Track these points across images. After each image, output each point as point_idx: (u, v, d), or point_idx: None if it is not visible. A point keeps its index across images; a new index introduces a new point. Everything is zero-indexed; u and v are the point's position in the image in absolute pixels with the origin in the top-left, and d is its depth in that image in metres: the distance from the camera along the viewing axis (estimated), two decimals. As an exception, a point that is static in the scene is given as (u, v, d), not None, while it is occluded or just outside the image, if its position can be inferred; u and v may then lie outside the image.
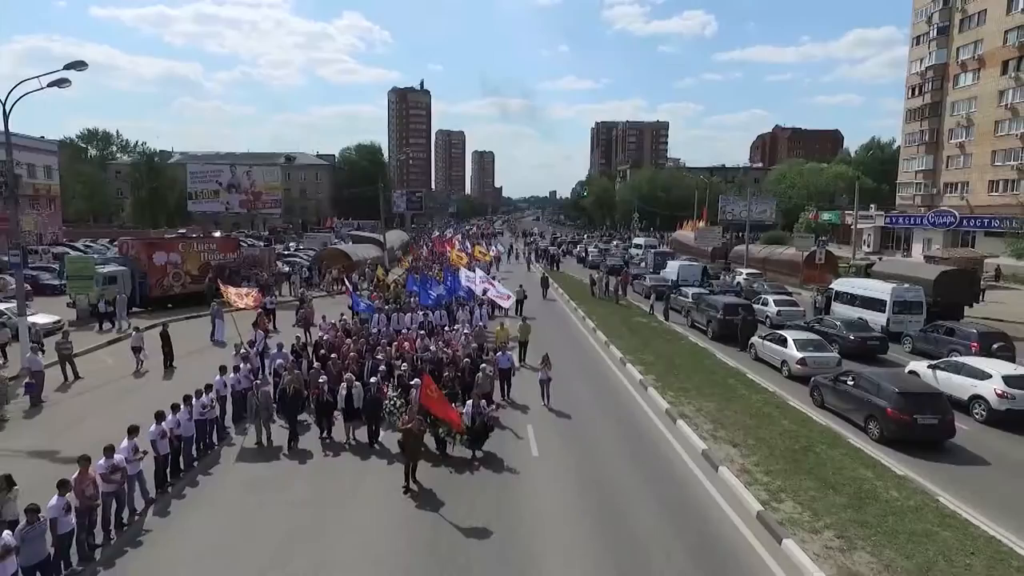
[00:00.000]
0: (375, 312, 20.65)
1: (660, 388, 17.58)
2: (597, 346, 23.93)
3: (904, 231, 62.02)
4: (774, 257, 47.78)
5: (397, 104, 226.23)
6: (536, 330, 22.09)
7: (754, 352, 21.63)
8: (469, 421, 12.29)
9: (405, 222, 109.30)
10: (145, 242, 32.04)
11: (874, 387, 14.38)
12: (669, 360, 20.69)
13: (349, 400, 13.03)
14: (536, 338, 21.17)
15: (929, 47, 61.36)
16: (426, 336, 18.05)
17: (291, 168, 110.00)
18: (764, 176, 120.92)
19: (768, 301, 27.90)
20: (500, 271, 46.70)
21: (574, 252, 64.76)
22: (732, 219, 60.23)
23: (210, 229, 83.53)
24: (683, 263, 39.97)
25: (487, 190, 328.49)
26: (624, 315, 29.63)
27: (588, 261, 54.70)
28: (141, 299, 29.57)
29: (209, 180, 36.68)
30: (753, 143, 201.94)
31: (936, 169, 61.97)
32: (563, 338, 25.06)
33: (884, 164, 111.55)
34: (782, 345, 19.80)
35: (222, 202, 36.26)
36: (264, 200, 36.79)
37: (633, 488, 11.76)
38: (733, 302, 24.71)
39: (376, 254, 48.80)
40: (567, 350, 22.73)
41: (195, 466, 12.59)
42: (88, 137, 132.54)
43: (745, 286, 36.01)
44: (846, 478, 11.71)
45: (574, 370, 19.91)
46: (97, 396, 16.77)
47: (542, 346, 20.40)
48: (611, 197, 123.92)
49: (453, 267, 35.35)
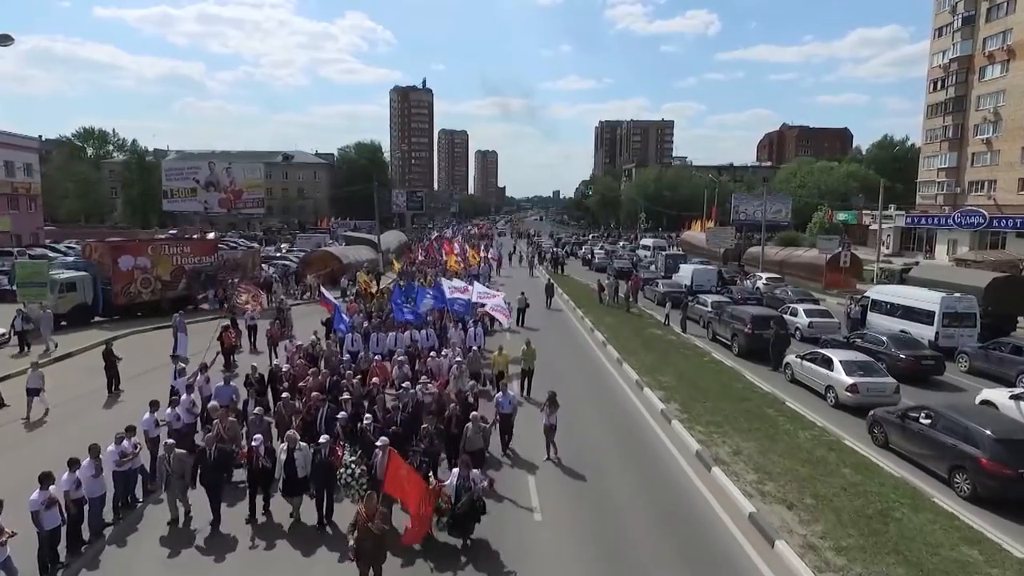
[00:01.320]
0: (349, 331, 17.45)
1: (687, 421, 14.77)
2: (608, 364, 21.12)
3: (926, 232, 58.97)
4: (793, 260, 44.95)
5: (399, 103, 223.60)
6: (540, 344, 19.23)
7: (790, 373, 18.79)
8: (453, 496, 9.09)
9: (405, 222, 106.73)
10: (109, 245, 29.33)
11: (960, 430, 11.54)
12: (692, 383, 17.88)
13: (291, 466, 9.60)
14: (540, 355, 18.31)
15: (953, 38, 58.29)
16: (406, 363, 14.58)
17: (288, 167, 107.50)
18: (773, 175, 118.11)
19: (798, 311, 25.00)
20: (500, 275, 43.94)
21: (579, 254, 61.82)
22: (745, 219, 57.28)
23: (206, 229, 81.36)
24: (697, 267, 37.11)
25: (490, 190, 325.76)
26: (636, 325, 26.81)
27: (594, 263, 51.80)
28: (105, 307, 26.94)
29: (186, 177, 33.75)
30: (760, 142, 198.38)
31: (960, 167, 58.85)
32: (570, 354, 22.26)
33: (897, 162, 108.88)
34: (826, 367, 16.96)
35: (200, 201, 33.33)
36: (245, 199, 33.77)
37: (666, 568, 8.99)
38: (763, 314, 21.83)
39: (370, 256, 46.09)
40: (575, 371, 19.96)
41: (105, 535, 9.83)
42: (84, 136, 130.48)
43: (765, 292, 33.19)
44: (947, 562, 8.89)
45: (584, 397, 17.11)
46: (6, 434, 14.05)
47: (547, 367, 17.63)
48: (616, 196, 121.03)
49: (451, 272, 32.62)
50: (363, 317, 20.34)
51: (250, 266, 34.87)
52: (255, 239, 73.44)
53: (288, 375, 13.76)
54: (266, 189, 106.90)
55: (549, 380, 16.28)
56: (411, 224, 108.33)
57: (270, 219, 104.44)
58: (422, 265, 37.41)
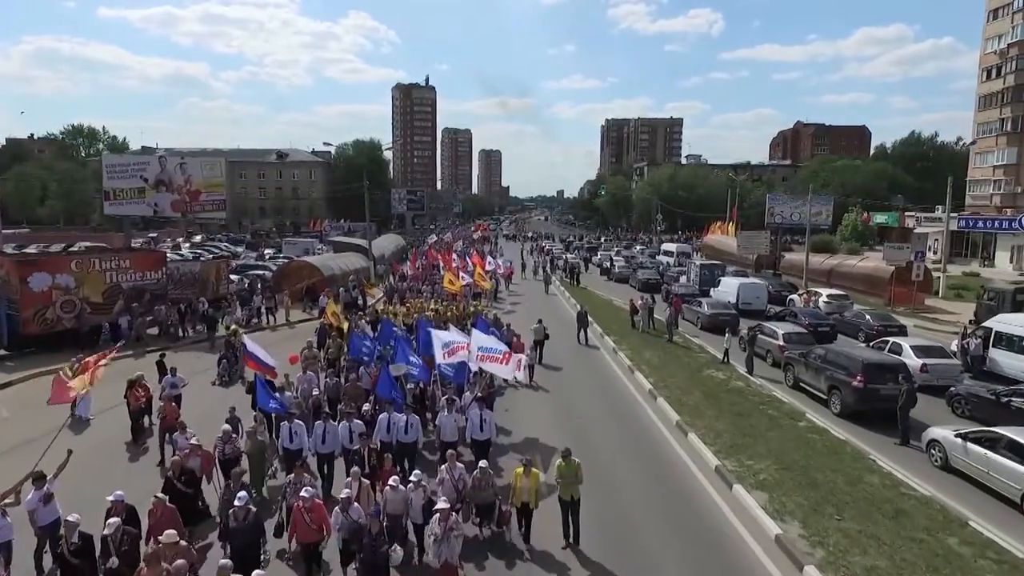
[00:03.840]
0: (287, 416, 10.82)
1: (829, 566, 8.95)
2: (664, 428, 15.26)
3: (981, 236, 52.90)
4: (845, 270, 38.90)
5: (401, 100, 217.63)
6: (563, 390, 13.36)
7: (939, 457, 12.89)
8: None
9: (405, 223, 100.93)
10: (16, 259, 23.65)
11: None
12: (803, 475, 12.05)
13: None
14: (563, 407, 12.34)
15: (1013, 20, 52.26)
16: (352, 500, 8.02)
17: (283, 165, 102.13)
18: (793, 174, 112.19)
19: (901, 348, 19.01)
20: (508, 289, 38.14)
21: (594, 260, 55.64)
22: (782, 221, 51.29)
23: (193, 231, 75.68)
24: (744, 281, 31.18)
25: (494, 189, 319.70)
26: (687, 364, 20.92)
27: (614, 273, 45.67)
28: (12, 338, 21.29)
29: (132, 175, 28.38)
30: (773, 139, 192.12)
31: (1021, 164, 52.87)
32: (606, 412, 16.44)
33: (924, 160, 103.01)
34: (1018, 459, 11.10)
35: (148, 203, 27.94)
36: (203, 200, 28.47)
37: None
38: (880, 361, 15.83)
39: (360, 265, 40.31)
40: (616, 441, 14.18)
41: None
42: (73, 133, 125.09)
43: (831, 313, 27.28)
44: None
45: (639, 495, 11.33)
46: None
47: (574, 433, 11.80)
48: (627, 196, 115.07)
49: (447, 294, 26.70)
50: (311, 384, 13.44)
51: (214, 280, 29.16)
52: (244, 243, 68.01)
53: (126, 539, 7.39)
54: (260, 188, 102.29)
55: (581, 458, 10.49)
56: (412, 225, 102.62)
57: (264, 220, 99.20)
58: (414, 281, 31.29)
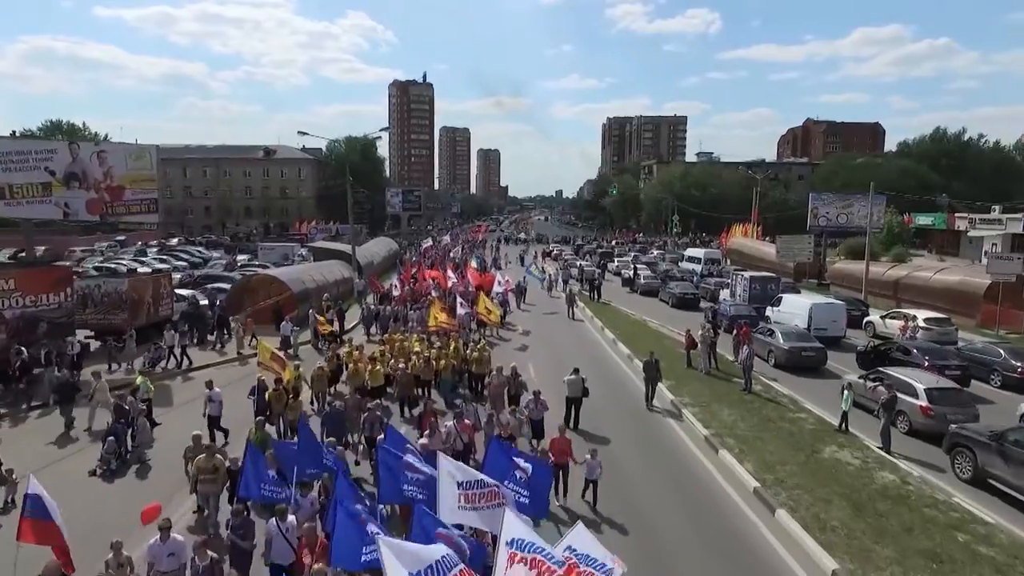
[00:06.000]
0: None
1: None
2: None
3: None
4: (917, 282, 32.64)
5: (398, 98, 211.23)
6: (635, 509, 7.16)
7: None
8: None
9: (401, 224, 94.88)
10: None
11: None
12: None
13: None
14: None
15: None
16: None
17: (270, 163, 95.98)
18: (810, 172, 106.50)
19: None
20: (522, 308, 31.92)
21: (610, 268, 49.26)
22: (826, 224, 45.07)
23: (165, 236, 69.62)
24: (818, 301, 24.95)
25: (492, 189, 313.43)
26: (787, 431, 14.63)
27: (639, 284, 39.26)
28: None
29: (34, 167, 22.16)
30: (782, 137, 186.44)
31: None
32: (708, 549, 10.21)
33: (949, 158, 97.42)
34: None
35: (56, 201, 21.68)
36: (128, 199, 22.46)
37: None
38: None
39: (343, 275, 34.11)
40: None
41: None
42: (51, 129, 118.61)
43: (931, 343, 21.07)
44: None
45: None
46: None
47: None
48: (635, 195, 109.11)
49: (438, 327, 20.45)
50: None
51: (149, 300, 22.89)
52: (222, 247, 61.94)
53: None
54: (245, 188, 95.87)
55: None
56: (408, 226, 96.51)
57: (249, 221, 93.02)
58: (399, 304, 24.46)
